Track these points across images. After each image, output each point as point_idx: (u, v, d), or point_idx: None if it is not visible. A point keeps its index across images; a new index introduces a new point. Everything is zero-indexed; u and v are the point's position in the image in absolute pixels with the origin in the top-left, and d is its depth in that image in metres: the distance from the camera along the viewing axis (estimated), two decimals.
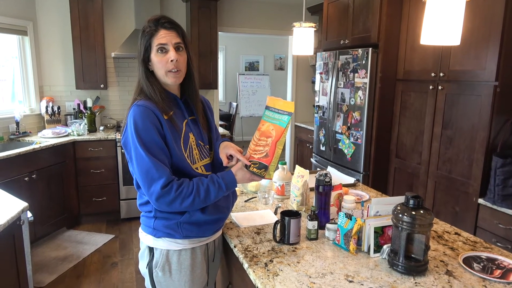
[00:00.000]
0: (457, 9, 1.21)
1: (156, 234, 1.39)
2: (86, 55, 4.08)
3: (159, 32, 1.33)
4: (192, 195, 1.28)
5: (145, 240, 1.43)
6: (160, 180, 1.25)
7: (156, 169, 1.25)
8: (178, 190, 1.26)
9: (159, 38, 1.32)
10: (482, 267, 1.33)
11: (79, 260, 3.26)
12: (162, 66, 1.34)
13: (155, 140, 1.28)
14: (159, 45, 1.32)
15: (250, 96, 7.80)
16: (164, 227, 1.37)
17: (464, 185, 2.58)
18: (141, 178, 1.28)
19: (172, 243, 1.39)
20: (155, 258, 1.41)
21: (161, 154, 1.29)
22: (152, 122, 1.28)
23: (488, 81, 2.38)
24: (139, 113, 1.28)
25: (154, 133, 1.28)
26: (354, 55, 3.30)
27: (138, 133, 1.27)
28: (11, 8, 3.77)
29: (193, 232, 1.39)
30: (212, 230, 1.46)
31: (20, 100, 4.09)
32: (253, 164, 1.35)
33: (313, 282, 1.23)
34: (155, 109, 1.31)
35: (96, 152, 3.92)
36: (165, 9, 4.60)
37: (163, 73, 1.35)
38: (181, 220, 1.36)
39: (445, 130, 2.74)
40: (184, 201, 1.27)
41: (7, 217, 1.71)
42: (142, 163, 1.26)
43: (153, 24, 1.34)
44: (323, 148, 3.93)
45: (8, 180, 3.05)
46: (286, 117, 1.33)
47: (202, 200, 1.30)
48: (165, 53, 1.33)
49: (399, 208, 1.29)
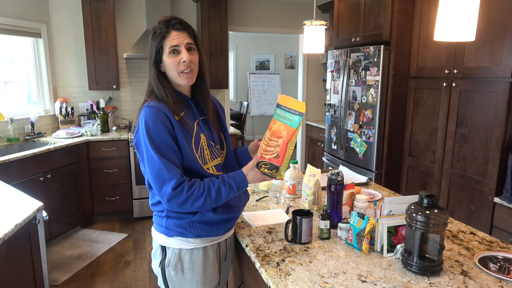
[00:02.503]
0: (471, 4, 1.18)
1: (168, 233, 1.40)
2: (99, 56, 4.13)
3: (170, 33, 1.33)
4: (203, 196, 1.28)
5: (158, 239, 1.44)
6: (171, 181, 1.25)
7: (167, 171, 1.26)
8: (190, 191, 1.27)
9: (171, 39, 1.32)
10: (499, 267, 1.30)
11: (93, 258, 3.30)
12: (175, 68, 1.34)
13: (166, 141, 1.28)
14: (172, 47, 1.32)
15: (261, 95, 7.79)
16: (176, 226, 1.38)
17: (479, 183, 2.53)
18: (153, 179, 1.28)
19: (184, 242, 1.40)
20: (168, 257, 1.42)
21: (172, 155, 1.29)
22: (163, 123, 1.29)
23: (504, 77, 2.33)
24: (150, 114, 1.29)
25: (165, 134, 1.28)
26: (366, 52, 3.27)
27: (149, 134, 1.27)
28: (25, 11, 3.84)
29: (205, 231, 1.39)
30: (224, 229, 1.46)
31: (35, 101, 4.16)
32: (264, 164, 1.35)
33: (325, 281, 1.22)
34: (166, 110, 1.31)
35: (109, 152, 3.97)
36: (176, 10, 4.63)
37: (176, 75, 1.35)
38: (193, 219, 1.36)
39: (459, 128, 2.69)
40: (195, 202, 1.28)
41: (23, 216, 1.74)
42: (153, 164, 1.27)
43: (164, 26, 1.33)
44: (334, 146, 3.90)
45: (24, 180, 3.11)
46: (297, 117, 1.32)
47: (213, 200, 1.30)
48: (177, 54, 1.33)
49: (413, 207, 1.27)
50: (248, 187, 1.42)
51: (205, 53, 4.70)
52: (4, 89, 3.94)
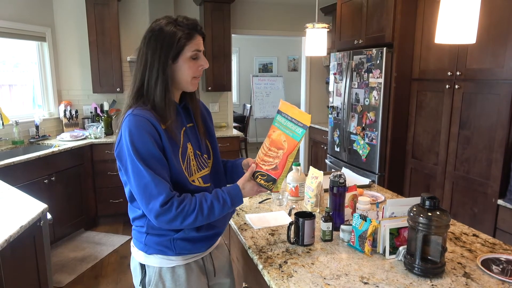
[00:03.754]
0: (472, 7, 1.19)
1: (147, 251, 1.31)
2: (103, 60, 4.16)
3: (196, 37, 1.26)
4: (194, 213, 1.19)
5: (137, 256, 1.36)
6: (159, 197, 1.15)
7: (155, 185, 1.16)
8: (179, 208, 1.17)
9: (196, 43, 1.25)
10: (501, 269, 1.30)
11: (97, 260, 3.32)
12: (192, 72, 1.26)
13: (153, 153, 1.18)
14: (196, 51, 1.25)
15: (264, 97, 7.81)
16: (156, 243, 1.29)
17: (482, 185, 2.53)
18: (139, 193, 1.18)
19: (165, 260, 1.31)
20: (148, 275, 1.33)
21: (160, 168, 1.19)
22: (149, 133, 1.18)
23: (507, 79, 2.33)
24: (135, 123, 1.18)
25: (151, 145, 1.18)
26: (368, 55, 3.27)
27: (134, 145, 1.17)
28: (30, 15, 3.88)
29: (186, 249, 1.32)
30: (206, 246, 1.39)
31: (40, 104, 4.20)
32: (261, 175, 1.28)
33: (327, 283, 1.22)
34: (153, 118, 1.20)
35: (112, 155, 3.92)
36: (179, 13, 4.65)
37: (188, 79, 1.27)
38: (175, 236, 1.28)
39: (462, 130, 2.69)
40: (186, 219, 1.18)
41: (28, 218, 1.76)
42: (139, 178, 1.17)
43: (187, 27, 1.25)
44: (337, 149, 3.91)
45: (29, 183, 3.14)
46: (301, 130, 1.24)
47: (205, 217, 1.21)
48: (196, 60, 1.27)
49: (415, 209, 1.27)
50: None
51: (208, 55, 4.72)
52: (9, 93, 3.98)
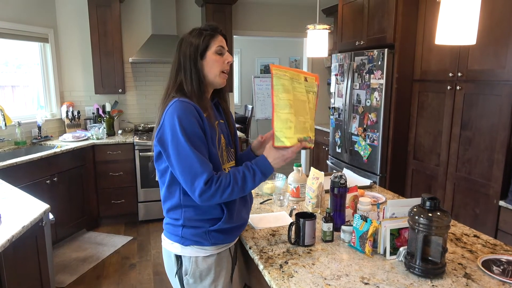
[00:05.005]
0: (472, 8, 1.19)
1: (184, 243, 1.40)
2: (105, 61, 4.17)
3: (218, 36, 1.40)
4: (230, 185, 1.28)
5: (172, 249, 1.44)
6: (203, 175, 1.25)
7: (200, 164, 1.25)
8: (217, 183, 1.27)
9: (218, 41, 1.40)
10: (502, 270, 1.30)
11: (99, 261, 3.33)
12: (219, 66, 1.40)
13: (198, 135, 1.29)
14: (219, 47, 1.40)
15: (266, 98, 7.81)
16: (193, 235, 1.38)
17: (484, 186, 2.52)
18: (183, 173, 1.27)
19: (201, 250, 1.41)
20: (184, 265, 1.42)
21: (203, 149, 1.30)
22: (195, 117, 1.29)
23: (508, 80, 2.32)
24: (183, 108, 1.29)
25: (197, 127, 1.29)
26: (370, 56, 3.27)
27: (183, 127, 1.26)
28: (33, 17, 3.90)
29: (220, 239, 1.41)
30: (236, 235, 1.51)
31: (42, 105, 4.21)
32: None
33: (328, 284, 1.23)
34: (197, 106, 1.33)
35: (114, 156, 4.00)
36: (181, 14, 4.67)
37: (217, 73, 1.40)
38: (210, 228, 1.38)
39: (464, 131, 2.69)
40: (224, 192, 1.27)
41: (30, 218, 1.77)
42: (185, 157, 1.26)
43: (211, 29, 1.40)
44: (339, 150, 3.91)
45: (31, 183, 3.15)
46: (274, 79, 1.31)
47: (240, 188, 1.30)
48: (221, 56, 1.40)
49: (416, 210, 1.28)
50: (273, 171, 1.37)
51: None
52: (12, 93, 4.00)
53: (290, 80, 1.34)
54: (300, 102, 1.35)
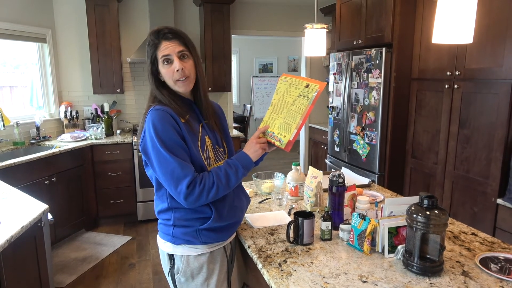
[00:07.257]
0: (469, 7, 1.19)
1: (175, 242, 1.42)
2: (103, 61, 4.17)
3: (161, 44, 1.36)
4: (214, 184, 1.30)
5: (164, 248, 1.47)
6: (185, 178, 1.27)
7: (181, 168, 1.27)
8: (201, 184, 1.29)
9: (162, 50, 1.35)
10: (500, 268, 1.31)
11: (98, 261, 3.33)
12: (170, 77, 1.37)
13: (175, 140, 1.30)
14: (163, 57, 1.35)
15: (264, 98, 7.82)
16: (183, 234, 1.40)
17: (482, 185, 2.53)
18: (166, 180, 1.29)
19: (192, 249, 1.42)
20: (176, 264, 1.44)
21: (183, 153, 1.31)
22: (170, 124, 1.31)
23: (506, 78, 2.33)
24: (157, 116, 1.31)
25: (173, 133, 1.30)
26: (368, 55, 3.28)
27: (158, 135, 1.29)
28: (31, 17, 3.89)
29: (211, 238, 1.42)
30: (229, 234, 1.50)
31: (40, 105, 4.21)
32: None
33: (327, 282, 1.23)
34: (172, 112, 1.34)
35: (113, 156, 4.00)
36: (179, 14, 4.67)
37: (172, 83, 1.39)
38: (200, 227, 1.39)
39: (462, 129, 2.69)
40: (210, 192, 1.30)
41: (29, 218, 1.77)
42: (165, 164, 1.28)
43: (154, 37, 1.36)
44: (337, 149, 3.91)
45: (30, 183, 3.15)
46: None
47: (225, 185, 1.33)
48: (170, 64, 1.36)
49: (413, 208, 1.28)
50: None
51: (208, 56, 4.73)
52: (10, 94, 3.99)
53: (288, 85, 1.47)
54: (283, 103, 1.46)
